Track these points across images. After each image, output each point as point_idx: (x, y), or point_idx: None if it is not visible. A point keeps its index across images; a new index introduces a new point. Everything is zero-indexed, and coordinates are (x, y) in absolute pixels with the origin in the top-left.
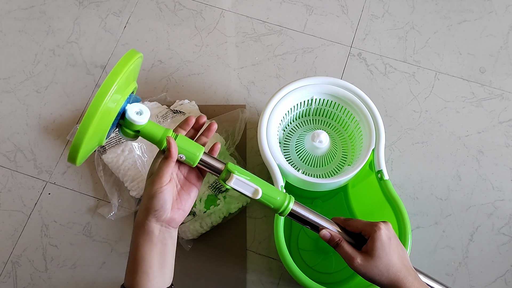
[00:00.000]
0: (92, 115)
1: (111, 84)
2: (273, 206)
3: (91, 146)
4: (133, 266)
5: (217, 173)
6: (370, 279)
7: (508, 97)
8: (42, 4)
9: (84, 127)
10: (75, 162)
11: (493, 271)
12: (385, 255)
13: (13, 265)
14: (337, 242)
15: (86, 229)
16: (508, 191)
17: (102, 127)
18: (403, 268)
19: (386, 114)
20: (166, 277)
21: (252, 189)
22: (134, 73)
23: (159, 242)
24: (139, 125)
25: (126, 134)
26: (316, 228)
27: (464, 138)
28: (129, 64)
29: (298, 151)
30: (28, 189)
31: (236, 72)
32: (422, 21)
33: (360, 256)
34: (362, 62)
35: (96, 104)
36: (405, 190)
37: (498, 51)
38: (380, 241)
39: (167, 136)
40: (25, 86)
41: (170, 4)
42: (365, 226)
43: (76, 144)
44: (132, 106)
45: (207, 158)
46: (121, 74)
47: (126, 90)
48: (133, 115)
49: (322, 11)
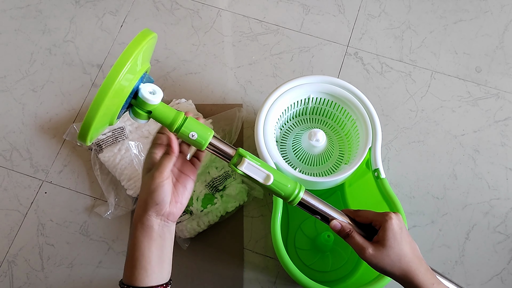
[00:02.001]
0: (105, 92)
1: (126, 61)
2: (283, 194)
3: (102, 125)
4: (132, 261)
5: (226, 158)
6: (382, 270)
7: (503, 96)
8: (38, 3)
9: (96, 104)
10: (85, 140)
11: (489, 270)
12: (397, 245)
13: (9, 264)
14: (347, 233)
15: (83, 228)
16: (503, 190)
17: (114, 106)
18: (416, 259)
19: (382, 113)
20: (164, 272)
21: (264, 174)
22: (148, 53)
23: (158, 237)
24: (152, 104)
25: (138, 115)
26: (326, 218)
27: (460, 137)
28: (144, 42)
29: (295, 149)
30: (24, 188)
31: (233, 71)
32: (418, 21)
33: (371, 246)
34: (359, 61)
35: (109, 81)
36: (402, 189)
37: (494, 51)
38: (391, 231)
39: (169, 131)
40: (21, 85)
41: (167, 3)
42: (376, 216)
43: (87, 121)
44: (146, 85)
45: (216, 142)
46: (136, 51)
47: (140, 70)
48: (147, 94)
49: (319, 11)
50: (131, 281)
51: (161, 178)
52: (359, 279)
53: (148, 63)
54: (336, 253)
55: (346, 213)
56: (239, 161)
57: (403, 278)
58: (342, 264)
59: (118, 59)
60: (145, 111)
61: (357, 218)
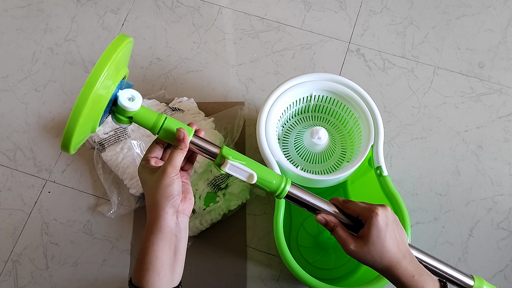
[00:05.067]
0: (82, 102)
1: (101, 71)
2: (269, 190)
3: (84, 134)
4: (144, 264)
5: (212, 157)
6: (365, 263)
7: (507, 91)
8: (40, 2)
9: (75, 114)
10: (69, 150)
11: (492, 266)
12: (379, 242)
13: (14, 264)
14: (332, 227)
15: (87, 227)
16: (507, 185)
17: (94, 115)
18: (398, 253)
19: (385, 110)
20: (176, 275)
21: (246, 174)
22: (124, 59)
23: (174, 236)
24: (131, 111)
25: (119, 121)
26: (314, 210)
27: (463, 133)
28: (118, 50)
29: (297, 147)
30: (28, 187)
31: (234, 69)
32: (421, 16)
33: (354, 242)
34: (361, 58)
35: (86, 91)
36: (404, 186)
37: (497, 46)
38: (375, 228)
39: (178, 128)
40: (24, 85)
41: (168, 1)
42: (362, 211)
43: (68, 132)
44: (124, 92)
45: (199, 141)
46: (111, 60)
47: (117, 76)
48: (125, 102)
49: (320, 7)
50: (142, 283)
51: (175, 171)
52: (362, 277)
53: (126, 68)
54: (338, 250)
55: (335, 202)
56: (222, 161)
57: (385, 272)
58: (344, 262)
59: (94, 68)
60: (126, 117)
61: (345, 210)
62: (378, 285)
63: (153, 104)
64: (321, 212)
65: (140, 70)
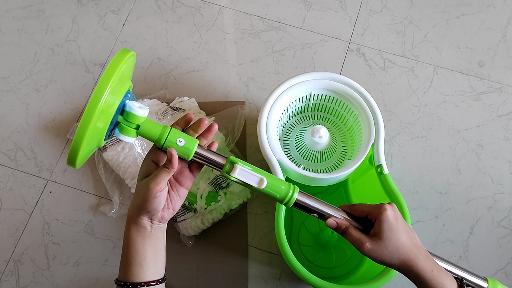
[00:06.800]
0: (88, 118)
1: (105, 87)
2: (278, 196)
3: (90, 149)
4: (127, 259)
5: (218, 167)
6: (382, 262)
7: (507, 90)
8: (41, 3)
9: (81, 130)
10: (75, 165)
11: (493, 264)
12: (393, 236)
13: (15, 264)
14: (344, 230)
15: (88, 226)
16: (507, 184)
17: (100, 129)
18: (413, 247)
19: (385, 109)
20: (159, 268)
21: (257, 178)
22: (128, 73)
23: (151, 236)
24: (140, 116)
25: (125, 131)
26: (323, 216)
27: (463, 132)
28: (121, 65)
29: (298, 146)
30: (29, 187)
31: (235, 69)
32: (421, 16)
33: (368, 240)
34: (361, 57)
35: (91, 107)
36: (405, 184)
37: (497, 45)
38: (387, 222)
39: (168, 147)
40: (25, 85)
41: (169, 2)
42: (371, 209)
43: (75, 148)
44: (132, 102)
45: (204, 152)
46: (114, 75)
47: (121, 90)
48: (134, 106)
49: (320, 7)
50: (127, 277)
51: (157, 189)
52: (363, 275)
53: (129, 82)
54: (339, 249)
55: (343, 208)
56: (231, 168)
57: (403, 267)
58: (346, 260)
59: (97, 84)
60: (133, 126)
61: (353, 212)
62: (380, 283)
63: (154, 103)
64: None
65: (141, 70)
